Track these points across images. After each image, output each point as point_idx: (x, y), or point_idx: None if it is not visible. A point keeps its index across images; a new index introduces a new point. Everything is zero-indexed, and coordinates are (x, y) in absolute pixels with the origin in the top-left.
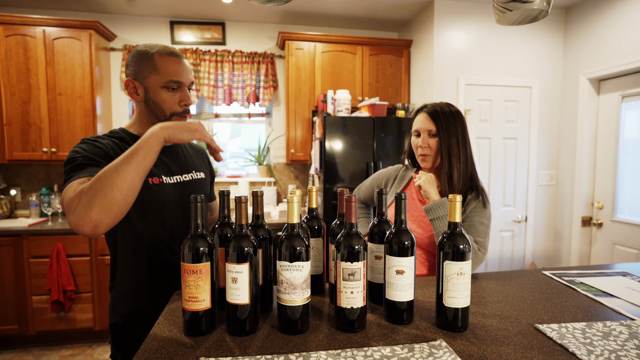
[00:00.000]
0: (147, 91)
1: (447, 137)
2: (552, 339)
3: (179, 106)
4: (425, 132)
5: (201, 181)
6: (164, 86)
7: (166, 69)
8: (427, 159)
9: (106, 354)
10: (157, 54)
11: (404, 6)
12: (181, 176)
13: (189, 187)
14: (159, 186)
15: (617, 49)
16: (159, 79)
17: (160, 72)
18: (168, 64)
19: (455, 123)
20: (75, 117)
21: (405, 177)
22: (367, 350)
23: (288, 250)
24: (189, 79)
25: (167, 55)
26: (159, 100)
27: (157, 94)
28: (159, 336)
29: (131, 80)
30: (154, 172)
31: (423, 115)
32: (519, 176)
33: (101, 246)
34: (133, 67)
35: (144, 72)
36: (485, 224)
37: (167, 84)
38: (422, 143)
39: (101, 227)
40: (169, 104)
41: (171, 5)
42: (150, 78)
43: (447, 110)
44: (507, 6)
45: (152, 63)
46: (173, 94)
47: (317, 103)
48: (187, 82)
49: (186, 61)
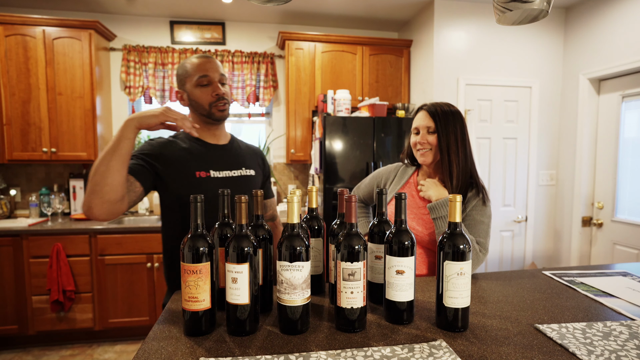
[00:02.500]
0: (188, 94)
1: (445, 134)
2: (552, 339)
3: (212, 97)
4: (424, 129)
5: (250, 177)
6: (196, 84)
7: (194, 68)
8: (426, 154)
9: (106, 354)
10: (187, 61)
11: (404, 6)
12: (230, 171)
13: (237, 182)
14: (205, 179)
15: (617, 49)
16: (191, 80)
17: (191, 73)
18: (196, 64)
19: (454, 121)
20: (75, 117)
21: (405, 174)
22: (367, 350)
23: (288, 250)
24: (218, 73)
25: (194, 59)
26: (196, 98)
27: (193, 93)
28: (159, 336)
29: (178, 91)
30: (202, 166)
31: (422, 113)
32: (519, 176)
33: (101, 246)
34: (177, 80)
35: (182, 80)
36: (485, 223)
37: (198, 81)
38: (421, 139)
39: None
40: (204, 98)
41: (171, 5)
42: (187, 82)
43: (446, 109)
44: (507, 6)
45: (185, 70)
46: (205, 89)
47: (317, 103)
48: (216, 76)
49: (215, 60)
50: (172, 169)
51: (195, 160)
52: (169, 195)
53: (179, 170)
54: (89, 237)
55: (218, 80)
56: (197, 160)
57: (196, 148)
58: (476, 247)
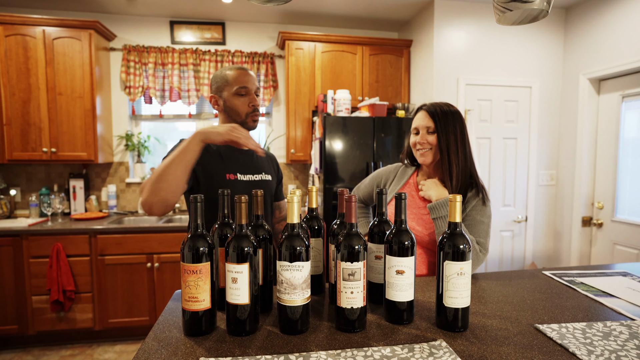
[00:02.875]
0: (225, 101)
1: (445, 134)
2: (552, 339)
3: (249, 107)
4: (423, 129)
5: (268, 182)
6: (235, 93)
7: (235, 79)
8: (425, 154)
9: (106, 354)
10: (227, 70)
11: (404, 6)
12: (252, 175)
13: (258, 185)
14: (234, 182)
15: (617, 49)
16: (231, 89)
17: (231, 83)
18: (236, 75)
19: (453, 121)
20: (75, 117)
21: (405, 174)
22: (367, 350)
23: (288, 250)
24: (255, 85)
25: (235, 70)
26: (233, 106)
27: (231, 100)
28: (159, 336)
29: (213, 95)
30: (232, 169)
31: (422, 113)
32: (519, 176)
33: (101, 246)
34: (214, 85)
35: (221, 87)
36: (485, 223)
37: (237, 91)
38: (421, 139)
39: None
40: (241, 107)
41: (171, 5)
42: (225, 90)
43: (446, 109)
44: (507, 6)
45: (225, 78)
46: (243, 98)
47: (317, 103)
48: (253, 88)
49: (251, 72)
50: (207, 170)
51: (225, 164)
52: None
53: (213, 172)
54: (89, 237)
55: (254, 92)
56: (227, 163)
57: (226, 152)
58: (476, 247)
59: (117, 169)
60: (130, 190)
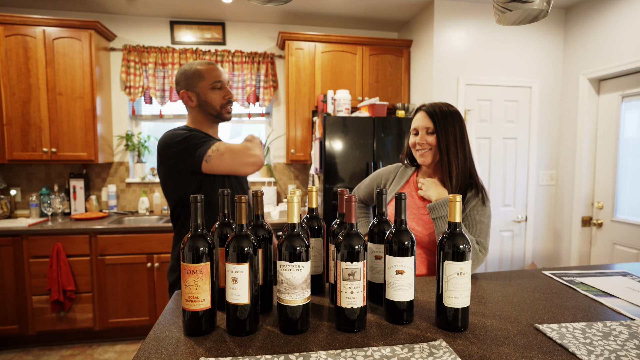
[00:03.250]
0: (199, 96)
1: (444, 135)
2: (552, 339)
3: (224, 99)
4: (423, 129)
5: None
6: (211, 87)
7: (209, 74)
8: (425, 155)
9: (106, 353)
10: (198, 65)
11: (404, 6)
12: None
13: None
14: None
15: (617, 49)
16: (206, 83)
17: (205, 77)
18: (210, 70)
19: (453, 121)
20: (75, 117)
21: (405, 175)
22: (367, 350)
23: (288, 250)
24: (226, 79)
25: (207, 65)
26: (209, 100)
27: (207, 95)
28: (159, 336)
29: (185, 92)
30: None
31: (421, 114)
32: (519, 176)
33: (101, 246)
34: (184, 82)
35: (194, 82)
36: (485, 223)
37: (213, 85)
38: (420, 140)
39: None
40: (217, 100)
41: (171, 5)
42: (199, 85)
43: (445, 109)
44: (507, 6)
45: (198, 73)
46: (219, 92)
47: (317, 103)
48: (226, 81)
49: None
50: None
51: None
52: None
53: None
54: (89, 237)
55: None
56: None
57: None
58: (476, 247)
59: (118, 169)
60: (130, 190)
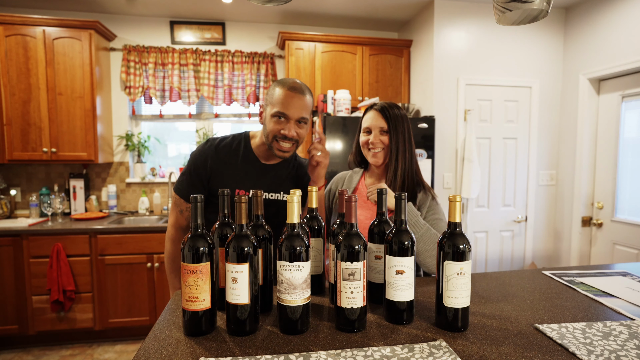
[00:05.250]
0: (265, 117)
1: (396, 135)
2: (552, 339)
3: (280, 133)
4: (377, 129)
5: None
6: (273, 115)
7: (280, 101)
8: (378, 155)
9: (106, 353)
10: (278, 86)
11: (404, 6)
12: (268, 194)
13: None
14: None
15: (617, 49)
16: (272, 108)
17: (274, 103)
18: (283, 97)
19: (403, 123)
20: (75, 117)
21: (353, 180)
22: (367, 350)
23: (288, 250)
24: (298, 115)
25: (285, 89)
26: (267, 124)
27: (267, 119)
28: (159, 336)
29: (262, 105)
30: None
31: (375, 113)
32: (519, 176)
33: (101, 246)
34: (266, 94)
35: (268, 100)
36: (443, 220)
37: (275, 114)
38: (374, 139)
39: None
40: (273, 129)
41: (171, 5)
42: (268, 106)
43: (396, 111)
44: (507, 6)
45: (273, 94)
46: (279, 121)
47: (317, 103)
48: (294, 117)
49: (306, 98)
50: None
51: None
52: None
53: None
54: (89, 237)
55: (296, 120)
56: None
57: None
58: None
59: (117, 169)
60: (130, 190)
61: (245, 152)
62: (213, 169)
